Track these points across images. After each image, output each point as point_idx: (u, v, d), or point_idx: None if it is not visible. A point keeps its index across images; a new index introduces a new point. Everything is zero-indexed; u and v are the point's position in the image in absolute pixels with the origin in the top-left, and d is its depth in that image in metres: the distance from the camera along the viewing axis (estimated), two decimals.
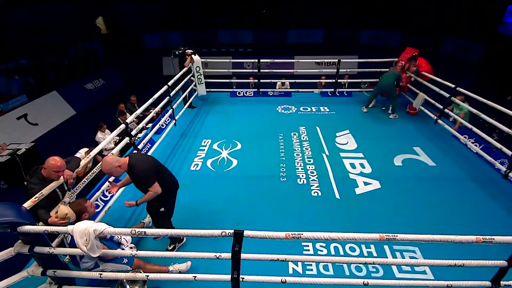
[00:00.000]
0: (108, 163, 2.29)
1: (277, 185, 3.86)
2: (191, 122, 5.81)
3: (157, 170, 2.49)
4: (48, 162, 2.33)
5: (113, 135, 3.27)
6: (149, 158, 2.57)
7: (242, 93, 7.14)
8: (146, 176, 2.38)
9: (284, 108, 6.40)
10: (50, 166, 2.31)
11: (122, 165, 2.34)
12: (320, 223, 3.21)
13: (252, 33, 18.30)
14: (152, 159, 2.56)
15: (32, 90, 9.55)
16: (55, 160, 2.35)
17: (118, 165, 2.31)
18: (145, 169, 2.38)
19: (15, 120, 7.36)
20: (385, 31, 16.43)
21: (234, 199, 3.62)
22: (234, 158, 4.51)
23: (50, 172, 2.32)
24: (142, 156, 2.61)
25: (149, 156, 2.63)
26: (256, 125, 5.61)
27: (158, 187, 2.42)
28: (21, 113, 7.62)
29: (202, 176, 4.11)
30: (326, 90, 7.02)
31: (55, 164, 2.33)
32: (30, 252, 1.92)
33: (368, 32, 17.10)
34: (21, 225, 1.79)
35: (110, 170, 2.31)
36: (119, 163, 2.32)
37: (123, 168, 2.36)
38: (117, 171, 2.34)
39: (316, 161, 4.35)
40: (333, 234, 1.69)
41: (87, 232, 1.72)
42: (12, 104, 8.60)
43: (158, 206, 2.59)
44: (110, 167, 2.29)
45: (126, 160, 2.40)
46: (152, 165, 2.48)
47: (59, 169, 2.35)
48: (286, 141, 4.96)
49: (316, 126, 5.45)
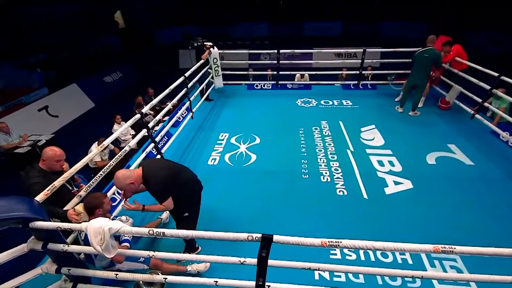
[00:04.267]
0: (120, 181, 2.05)
1: (299, 182, 3.64)
2: (208, 115, 5.66)
3: (173, 181, 2.22)
4: (47, 153, 2.25)
5: (127, 125, 3.14)
6: (163, 169, 2.23)
7: (259, 86, 6.90)
8: (158, 192, 2.17)
9: (304, 101, 6.12)
10: (49, 157, 2.23)
11: (135, 180, 2.10)
12: (346, 225, 2.97)
13: (268, 26, 17.91)
14: (167, 171, 2.24)
15: (53, 83, 9.73)
16: (53, 150, 2.27)
17: (131, 182, 2.06)
18: (158, 185, 2.13)
19: (37, 112, 7.49)
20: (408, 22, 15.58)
21: (253, 195, 3.44)
22: (253, 153, 4.32)
23: (51, 163, 2.25)
24: (157, 166, 2.27)
25: (164, 165, 2.32)
26: (275, 119, 5.38)
27: (170, 203, 2.22)
28: (42, 105, 7.75)
29: (220, 171, 3.95)
30: (348, 82, 6.66)
31: (55, 154, 2.25)
32: (44, 249, 1.81)
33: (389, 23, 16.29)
34: (33, 221, 1.67)
35: (123, 188, 2.10)
36: (131, 179, 2.07)
37: (137, 183, 2.12)
38: (130, 188, 2.11)
39: (340, 158, 4.08)
40: (377, 244, 1.46)
41: (102, 230, 1.58)
42: (34, 96, 8.79)
43: (181, 212, 2.41)
44: (121, 184, 2.06)
45: (139, 173, 2.14)
46: (166, 179, 2.18)
47: (60, 158, 2.27)
48: (307, 136, 4.71)
49: (339, 121, 5.15)
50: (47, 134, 6.23)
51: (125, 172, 2.12)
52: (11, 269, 1.99)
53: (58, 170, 2.30)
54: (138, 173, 2.14)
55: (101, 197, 2.13)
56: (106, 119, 6.56)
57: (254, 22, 17.76)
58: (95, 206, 2.06)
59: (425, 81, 5.09)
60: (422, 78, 5.00)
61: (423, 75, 4.97)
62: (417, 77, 5.04)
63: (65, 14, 12.78)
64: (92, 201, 2.08)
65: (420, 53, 4.91)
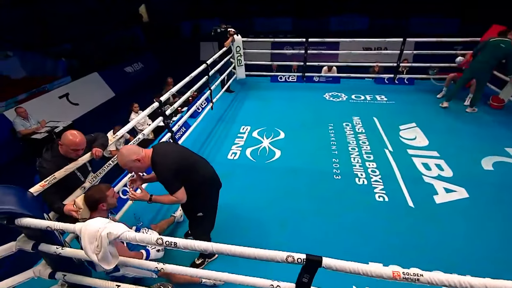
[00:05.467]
0: (124, 156, 1.74)
1: (330, 184, 3.19)
2: (228, 107, 5.31)
3: (187, 169, 1.87)
4: (66, 138, 1.89)
5: (145, 113, 2.83)
6: (176, 154, 1.90)
7: (284, 78, 6.46)
8: (167, 179, 1.81)
9: (332, 95, 5.62)
10: (67, 143, 1.88)
11: (143, 159, 1.77)
12: (389, 237, 2.50)
13: (292, 21, 17.28)
14: (181, 155, 1.91)
15: (76, 72, 9.78)
16: (74, 135, 1.90)
17: (137, 159, 1.75)
18: (168, 170, 1.79)
19: (57, 99, 7.46)
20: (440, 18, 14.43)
21: (277, 195, 3.04)
22: (277, 148, 3.91)
23: (67, 150, 1.90)
24: (169, 150, 1.92)
25: (178, 150, 1.98)
26: (301, 113, 4.93)
27: (183, 195, 1.86)
28: (63, 93, 7.72)
29: (241, 166, 3.57)
30: (382, 76, 6.06)
31: (73, 141, 1.88)
32: (34, 250, 1.51)
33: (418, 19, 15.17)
34: (21, 217, 1.36)
35: (127, 165, 1.77)
36: (138, 156, 1.75)
37: (144, 163, 1.79)
38: (136, 166, 1.78)
39: (377, 158, 3.58)
40: (475, 281, 1.01)
41: (99, 235, 1.24)
42: (57, 84, 8.85)
43: (194, 210, 2.05)
44: (126, 160, 1.74)
45: (149, 154, 1.81)
46: (179, 164, 1.83)
47: (77, 147, 1.91)
48: (338, 132, 4.23)
49: (373, 117, 4.62)
50: (66, 121, 6.13)
51: (131, 147, 1.81)
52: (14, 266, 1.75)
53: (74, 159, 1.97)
54: (147, 153, 1.82)
55: (104, 189, 1.80)
56: (125, 109, 6.39)
57: (278, 17, 17.21)
58: (98, 200, 1.74)
59: (489, 75, 4.44)
60: (487, 70, 4.32)
61: (489, 68, 4.29)
62: (481, 69, 4.32)
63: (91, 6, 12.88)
64: (94, 194, 1.76)
65: (495, 41, 4.17)
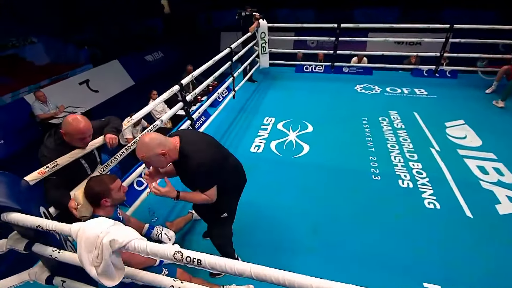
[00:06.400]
0: (146, 147, 1.36)
1: (369, 185, 2.79)
2: (250, 97, 4.96)
3: (221, 163, 1.55)
4: (68, 124, 1.56)
5: (165, 96, 2.53)
6: (210, 144, 1.56)
7: (310, 68, 6.01)
8: (202, 175, 1.46)
9: (364, 87, 5.13)
10: (70, 131, 1.56)
11: (169, 152, 1.41)
12: (444, 253, 2.08)
13: (314, 12, 16.57)
14: (215, 145, 1.59)
15: (98, 60, 9.80)
16: (76, 120, 1.57)
17: (162, 152, 1.37)
18: (205, 164, 1.43)
19: (77, 85, 7.41)
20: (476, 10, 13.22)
21: (306, 195, 2.69)
22: (305, 142, 3.53)
23: (72, 139, 1.60)
24: (200, 139, 1.56)
25: (209, 139, 1.61)
26: (330, 105, 4.50)
27: (214, 194, 1.55)
28: (84, 79, 7.66)
29: (265, 161, 3.23)
30: (420, 67, 5.47)
31: (77, 127, 1.55)
32: (27, 250, 1.24)
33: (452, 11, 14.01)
34: (8, 211, 1.09)
35: (149, 158, 1.38)
36: (164, 148, 1.38)
37: (170, 157, 1.43)
38: (159, 161, 1.41)
39: (422, 158, 3.12)
40: None
41: (99, 243, 0.94)
42: (79, 72, 8.87)
43: (219, 211, 1.72)
44: (148, 153, 1.36)
45: (176, 144, 1.45)
46: (215, 157, 1.51)
47: (83, 135, 1.59)
48: (373, 127, 3.78)
49: (413, 112, 4.12)
50: (85, 107, 6.02)
51: (156, 136, 1.40)
52: None
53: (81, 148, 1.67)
54: (174, 143, 1.45)
55: (108, 181, 1.47)
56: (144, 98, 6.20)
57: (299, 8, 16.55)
58: (99, 194, 1.43)
59: None
60: None
61: None
62: None
63: None
64: (94, 186, 1.44)
65: None
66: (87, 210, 1.43)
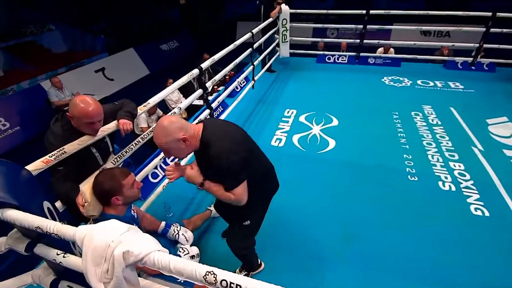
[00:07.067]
0: (165, 130, 1.17)
1: (404, 186, 2.51)
2: (270, 87, 4.70)
3: (251, 157, 1.31)
4: (75, 106, 1.35)
5: (183, 80, 2.32)
6: (239, 134, 1.34)
7: (332, 59, 5.67)
8: (230, 169, 1.23)
9: (393, 79, 4.77)
10: (77, 114, 1.35)
11: (190, 139, 1.21)
12: (499, 270, 1.80)
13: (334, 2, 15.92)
14: (243, 139, 1.34)
15: (114, 49, 9.75)
16: (85, 101, 1.36)
17: (183, 137, 1.17)
18: (231, 157, 1.20)
19: (93, 73, 7.35)
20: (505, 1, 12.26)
21: (333, 194, 2.45)
22: (330, 137, 3.26)
23: (80, 124, 1.40)
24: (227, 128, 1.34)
25: (237, 129, 1.37)
26: (356, 98, 4.20)
27: (245, 194, 1.30)
28: (99, 67, 7.60)
29: (288, 156, 2.99)
30: (455, 59, 5.03)
31: (85, 110, 1.35)
32: (28, 252, 1.07)
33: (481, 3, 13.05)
34: (4, 207, 0.91)
35: (167, 144, 1.18)
36: (185, 133, 1.19)
37: (191, 144, 1.23)
38: (179, 149, 1.21)
39: (464, 158, 2.81)
40: None
41: (110, 254, 0.74)
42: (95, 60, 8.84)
43: (241, 217, 1.48)
44: (167, 138, 1.16)
45: (198, 132, 1.25)
46: (245, 149, 1.28)
47: (91, 119, 1.38)
48: (406, 123, 3.47)
49: (449, 107, 3.77)
50: (100, 95, 5.94)
51: (177, 119, 1.20)
52: None
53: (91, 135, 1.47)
54: (197, 130, 1.25)
55: (119, 176, 1.27)
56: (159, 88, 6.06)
57: None
58: (109, 191, 1.24)
59: None
60: None
61: None
62: None
63: None
64: (104, 182, 1.24)
65: None
66: (96, 209, 1.24)
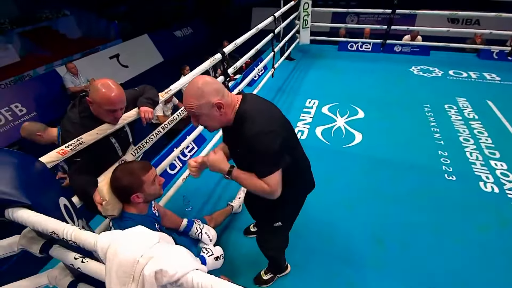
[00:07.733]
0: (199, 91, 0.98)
1: (441, 186, 2.31)
2: (289, 76, 4.48)
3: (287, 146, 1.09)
4: (96, 91, 1.22)
5: (205, 66, 2.15)
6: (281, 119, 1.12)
7: (355, 46, 5.36)
8: (265, 154, 1.02)
9: (422, 69, 4.45)
10: (98, 99, 1.23)
11: (226, 105, 1.02)
12: None
13: None
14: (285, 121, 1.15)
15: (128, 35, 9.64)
16: (107, 86, 1.23)
17: (218, 102, 1.00)
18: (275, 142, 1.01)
19: (108, 60, 7.28)
20: None
21: (361, 191, 2.28)
22: (356, 130, 3.06)
23: (100, 111, 1.27)
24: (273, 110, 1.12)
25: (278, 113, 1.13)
26: (383, 88, 3.93)
27: (277, 185, 1.07)
28: (114, 53, 7.52)
29: (311, 149, 2.71)
30: (490, 48, 4.64)
31: (107, 96, 1.22)
32: (44, 254, 0.96)
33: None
34: (14, 206, 0.79)
35: (200, 110, 1.00)
36: (221, 98, 1.00)
37: (227, 112, 1.04)
38: (211, 116, 1.03)
39: (506, 156, 2.56)
40: None
41: (139, 273, 0.61)
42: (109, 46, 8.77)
43: (272, 218, 1.32)
44: (201, 100, 0.98)
45: (236, 102, 1.07)
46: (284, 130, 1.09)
47: (113, 106, 1.26)
48: (439, 116, 3.21)
49: (486, 100, 3.47)
50: None
51: (212, 81, 1.02)
52: None
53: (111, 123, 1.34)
54: (235, 100, 1.07)
55: (139, 172, 1.12)
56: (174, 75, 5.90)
57: None
58: (129, 188, 1.10)
59: None
60: None
61: None
62: None
63: None
64: (122, 177, 1.10)
65: None
66: (115, 208, 1.11)
